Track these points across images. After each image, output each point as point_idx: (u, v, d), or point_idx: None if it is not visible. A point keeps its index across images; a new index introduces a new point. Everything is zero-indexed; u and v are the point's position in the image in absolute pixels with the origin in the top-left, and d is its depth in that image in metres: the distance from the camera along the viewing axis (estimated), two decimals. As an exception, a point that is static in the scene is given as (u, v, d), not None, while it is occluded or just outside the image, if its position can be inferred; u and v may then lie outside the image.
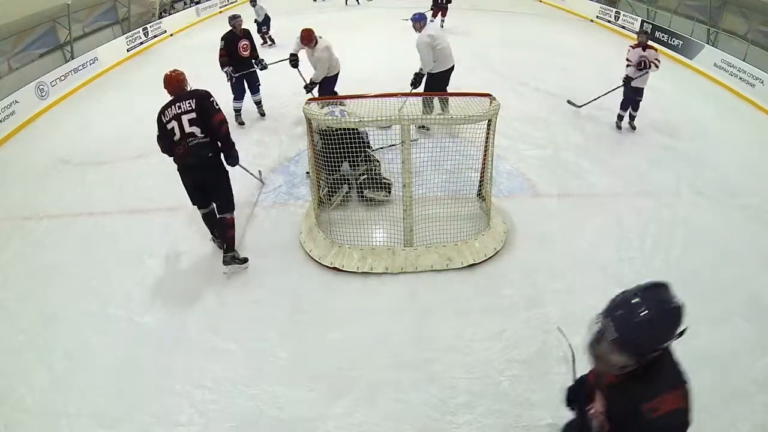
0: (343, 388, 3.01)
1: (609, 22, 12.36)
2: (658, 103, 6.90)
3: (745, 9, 9.22)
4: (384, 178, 4.62)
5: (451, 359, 3.18)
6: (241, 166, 4.37)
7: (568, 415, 2.82)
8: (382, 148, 4.75)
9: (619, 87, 6.18)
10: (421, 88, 5.75)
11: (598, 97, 6.47)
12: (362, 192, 4.56)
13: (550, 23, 12.53)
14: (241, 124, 6.52)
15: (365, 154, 4.43)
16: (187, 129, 3.57)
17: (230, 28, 6.22)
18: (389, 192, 4.58)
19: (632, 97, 6.17)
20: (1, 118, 7.02)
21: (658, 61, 5.99)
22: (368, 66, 7.41)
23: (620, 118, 6.36)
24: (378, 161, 4.70)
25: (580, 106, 6.65)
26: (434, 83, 5.76)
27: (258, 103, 6.69)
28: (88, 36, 10.41)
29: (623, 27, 11.78)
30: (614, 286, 3.77)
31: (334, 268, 3.91)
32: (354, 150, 4.01)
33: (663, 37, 10.33)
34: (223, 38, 6.15)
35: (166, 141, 3.69)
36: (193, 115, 3.56)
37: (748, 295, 3.66)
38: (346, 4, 15.05)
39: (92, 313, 3.65)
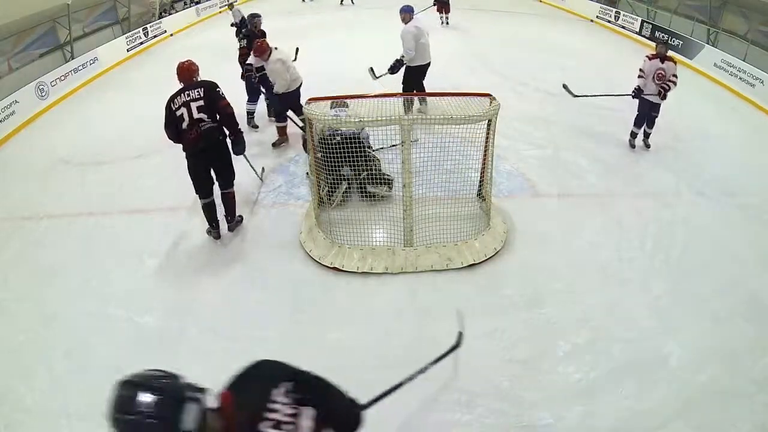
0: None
1: (609, 22, 12.36)
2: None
3: (745, 9, 9.22)
4: (385, 175, 4.63)
5: (451, 359, 3.17)
6: (245, 157, 4.48)
7: (569, 415, 2.84)
8: (382, 148, 4.75)
9: (624, 95, 5.79)
10: (398, 78, 5.96)
11: (597, 96, 6.23)
12: (364, 188, 4.56)
13: (550, 23, 12.53)
14: (255, 127, 6.39)
15: (365, 156, 4.43)
16: (196, 115, 3.83)
17: (247, 26, 6.22)
18: (391, 187, 4.59)
19: (647, 113, 5.65)
20: (1, 118, 7.03)
21: (676, 77, 5.44)
22: (368, 66, 7.39)
23: (633, 135, 5.87)
24: (378, 159, 4.71)
25: (575, 96, 6.17)
26: (412, 76, 5.97)
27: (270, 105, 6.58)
28: (88, 36, 10.42)
29: (623, 27, 11.78)
30: (614, 286, 3.84)
31: (334, 268, 3.91)
32: (354, 155, 4.02)
33: (663, 37, 10.32)
34: (245, 36, 6.07)
35: (173, 128, 3.90)
36: (201, 102, 3.83)
37: (748, 295, 3.66)
38: (342, 3, 15.05)
39: (92, 313, 3.65)
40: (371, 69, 6.05)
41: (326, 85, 5.98)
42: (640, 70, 5.62)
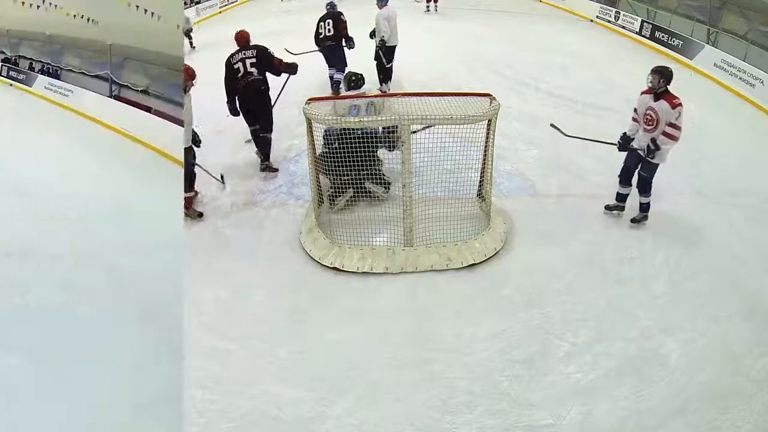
0: (343, 388, 3.01)
1: (609, 22, 12.34)
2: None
3: (745, 9, 9.22)
4: (385, 176, 4.63)
5: (451, 359, 3.18)
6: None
7: (569, 415, 2.84)
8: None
9: (613, 144, 4.29)
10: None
11: (588, 140, 4.90)
12: (363, 186, 4.55)
13: (550, 23, 12.52)
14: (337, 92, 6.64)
15: (374, 156, 4.41)
16: (249, 69, 5.00)
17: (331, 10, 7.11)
18: (388, 189, 4.59)
19: (635, 169, 4.09)
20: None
21: (675, 127, 3.70)
22: (370, 65, 7.41)
23: (619, 198, 4.31)
24: (381, 160, 4.70)
25: (566, 135, 5.08)
26: (386, 53, 7.05)
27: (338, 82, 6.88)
28: (88, 36, 10.40)
29: (623, 27, 11.77)
30: (614, 286, 3.84)
31: (334, 268, 3.91)
32: (365, 154, 4.00)
33: (663, 37, 10.32)
34: (342, 14, 7.05)
35: (230, 79, 5.01)
36: (254, 60, 5.00)
37: (747, 295, 3.66)
38: None
39: (92, 313, 3.64)
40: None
41: (326, 86, 6.01)
42: (635, 109, 4.12)
